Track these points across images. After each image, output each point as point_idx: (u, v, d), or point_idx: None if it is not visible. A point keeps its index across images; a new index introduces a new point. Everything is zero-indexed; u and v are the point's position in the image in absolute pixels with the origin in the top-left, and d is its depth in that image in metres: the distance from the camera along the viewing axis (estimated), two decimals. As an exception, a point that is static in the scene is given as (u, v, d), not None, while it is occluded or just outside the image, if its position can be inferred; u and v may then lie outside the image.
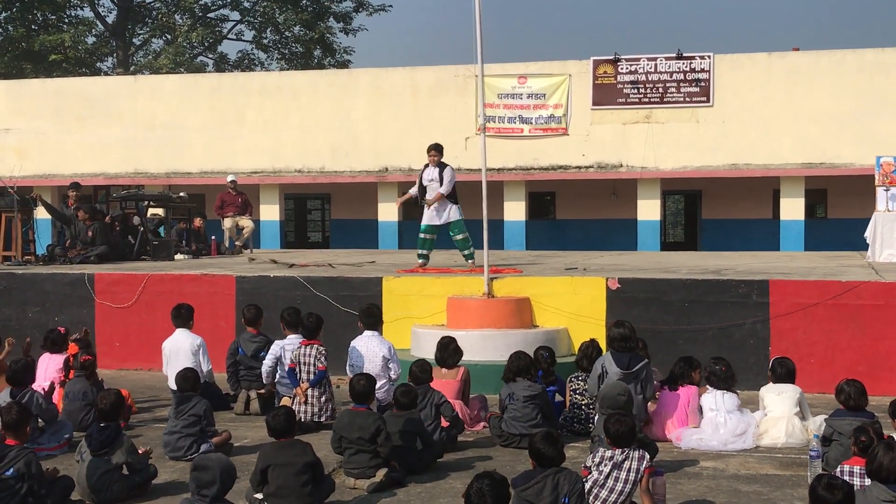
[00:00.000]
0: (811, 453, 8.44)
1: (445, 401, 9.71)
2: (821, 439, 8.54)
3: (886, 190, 17.29)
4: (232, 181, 22.41)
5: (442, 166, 15.20)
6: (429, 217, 15.38)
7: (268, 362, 11.40)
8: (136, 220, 20.29)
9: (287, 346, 11.30)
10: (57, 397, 10.75)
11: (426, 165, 15.37)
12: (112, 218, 19.31)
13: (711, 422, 9.85)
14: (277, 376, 11.43)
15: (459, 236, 15.40)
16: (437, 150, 15.32)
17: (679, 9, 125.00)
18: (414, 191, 15.66)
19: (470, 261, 15.49)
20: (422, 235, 15.51)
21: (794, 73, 27.94)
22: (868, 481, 6.54)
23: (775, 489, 8.33)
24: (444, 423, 9.66)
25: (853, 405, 8.59)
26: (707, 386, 10.15)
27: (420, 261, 15.54)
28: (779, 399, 9.94)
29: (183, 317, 11.68)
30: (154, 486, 8.41)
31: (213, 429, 9.56)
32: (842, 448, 8.21)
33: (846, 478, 6.93)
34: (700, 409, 10.04)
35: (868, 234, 17.28)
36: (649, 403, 9.95)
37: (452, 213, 15.29)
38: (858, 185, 26.61)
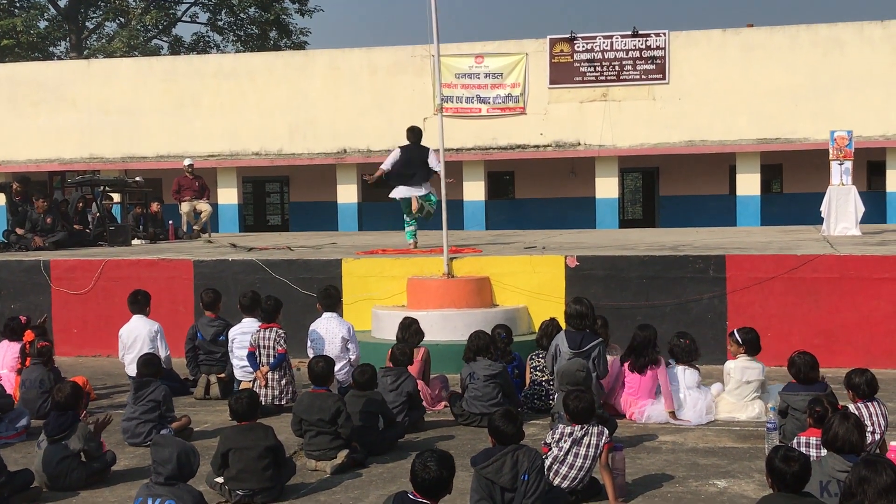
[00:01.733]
0: (768, 425, 8.53)
1: (416, 389, 9.74)
2: (777, 412, 8.63)
3: (840, 164, 17.46)
4: (189, 165, 22.23)
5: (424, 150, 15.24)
6: (404, 191, 15.36)
7: (241, 354, 11.23)
8: (94, 207, 20.13)
9: (242, 331, 11.26)
10: (13, 385, 10.66)
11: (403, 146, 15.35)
12: (65, 203, 19.09)
13: (670, 397, 9.92)
14: (235, 360, 11.36)
15: (432, 208, 15.41)
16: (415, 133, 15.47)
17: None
18: (386, 166, 15.53)
19: (411, 239, 15.68)
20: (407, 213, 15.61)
21: (749, 49, 28.14)
22: (824, 452, 6.61)
23: (733, 462, 8.42)
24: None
25: (804, 378, 8.68)
26: (670, 361, 10.19)
27: (410, 240, 15.70)
28: (744, 385, 9.98)
29: (140, 303, 11.59)
30: (113, 472, 8.35)
31: (172, 414, 9.51)
32: (797, 422, 8.30)
33: (803, 449, 7.00)
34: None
35: (823, 208, 17.45)
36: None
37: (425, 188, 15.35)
38: (813, 159, 26.88)
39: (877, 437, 7.72)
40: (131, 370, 11.01)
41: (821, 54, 27.69)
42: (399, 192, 15.42)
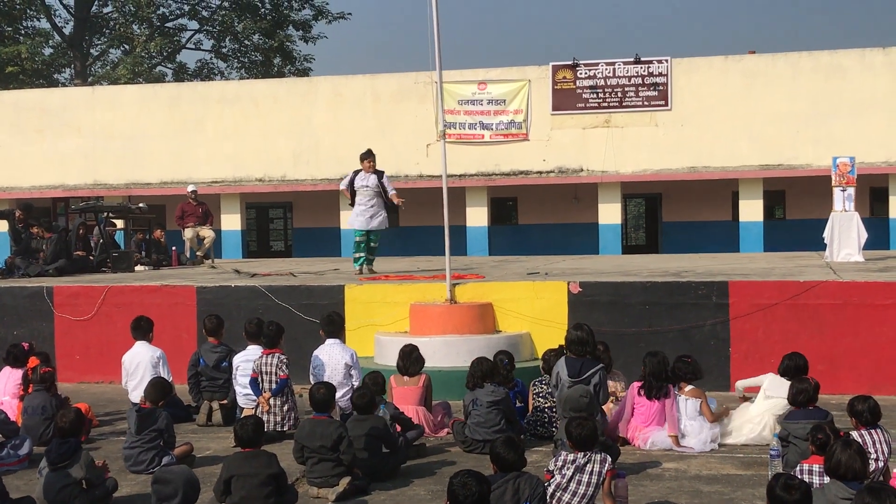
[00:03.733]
0: (771, 452, 8.52)
1: (398, 411, 9.72)
2: (780, 439, 8.61)
3: (843, 190, 17.49)
4: (192, 191, 22.28)
5: (379, 173, 16.32)
6: (363, 223, 16.30)
7: (245, 382, 11.23)
8: (96, 232, 20.17)
9: (246, 358, 11.26)
10: (16, 412, 10.65)
11: (358, 171, 16.34)
12: (66, 231, 19.11)
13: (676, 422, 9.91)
14: (239, 387, 11.35)
15: (375, 244, 16.60)
16: (370, 157, 16.32)
17: (636, 14, 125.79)
18: (344, 185, 16.64)
19: (368, 266, 16.40)
20: (357, 239, 16.49)
21: (751, 75, 28.22)
22: (827, 479, 6.59)
23: (737, 489, 8.39)
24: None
25: (802, 400, 8.69)
26: (676, 390, 10.18)
27: (357, 266, 16.38)
28: (766, 403, 9.96)
29: (142, 329, 11.61)
30: (115, 499, 8.34)
31: (174, 441, 9.49)
32: (798, 450, 8.27)
33: (805, 477, 6.99)
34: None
35: (826, 234, 17.46)
36: (611, 406, 9.99)
37: (381, 222, 16.40)
38: (816, 185, 26.89)
39: (880, 464, 7.69)
40: (134, 397, 11.01)
41: (822, 81, 27.76)
42: (358, 223, 16.56)
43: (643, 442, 9.86)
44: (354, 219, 16.44)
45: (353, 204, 16.46)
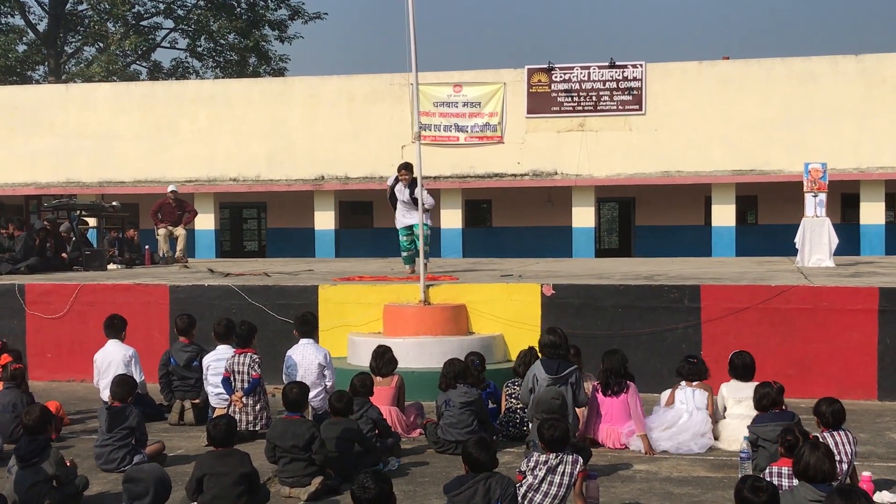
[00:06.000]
0: (741, 455, 8.59)
1: (381, 416, 9.72)
2: (749, 442, 8.67)
3: (815, 196, 17.60)
4: (172, 191, 22.12)
5: (413, 184, 14.97)
6: (399, 220, 15.57)
7: (216, 382, 11.19)
8: (65, 226, 20.04)
9: (216, 358, 11.23)
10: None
11: (398, 180, 15.38)
12: (37, 230, 18.92)
13: (677, 413, 9.96)
14: (210, 387, 11.32)
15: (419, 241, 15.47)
16: (407, 169, 15.33)
17: (611, 18, 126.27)
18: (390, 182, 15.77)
19: (408, 265, 15.73)
20: (402, 238, 15.72)
21: (725, 81, 28.39)
22: (796, 482, 6.65)
23: (707, 491, 8.45)
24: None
25: (766, 404, 8.78)
26: (679, 381, 10.26)
27: (408, 266, 15.76)
28: (739, 406, 10.01)
29: (115, 327, 11.57)
30: (86, 497, 8.30)
31: (145, 439, 9.47)
32: (767, 453, 8.33)
33: (774, 479, 7.04)
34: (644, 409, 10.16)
35: (797, 239, 17.57)
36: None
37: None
38: (788, 191, 27.08)
39: (844, 466, 7.77)
40: (105, 395, 10.97)
41: (795, 87, 27.96)
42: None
43: (626, 438, 9.88)
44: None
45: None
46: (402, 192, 15.32)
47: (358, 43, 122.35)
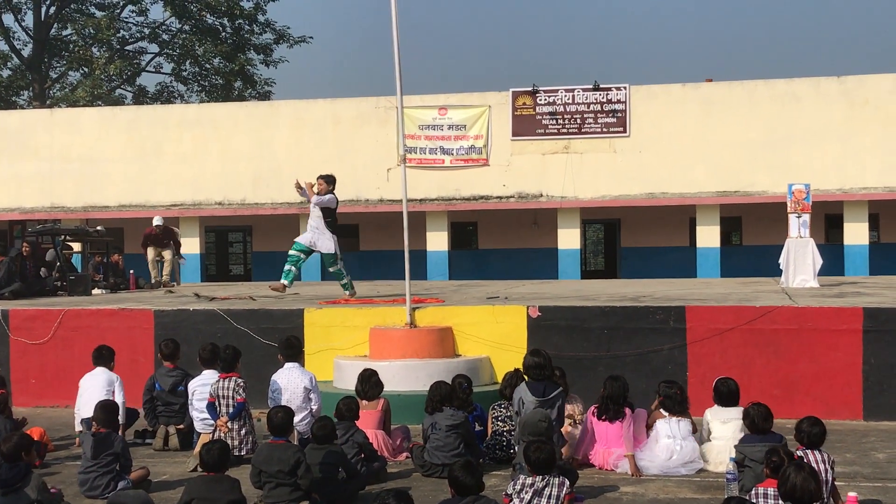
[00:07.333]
0: (727, 476, 8.58)
1: (367, 440, 9.69)
2: (736, 462, 8.67)
3: (798, 217, 17.67)
4: (157, 225, 22.11)
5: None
6: (306, 239, 15.96)
7: (201, 407, 11.14)
8: (50, 254, 19.96)
9: (202, 383, 11.18)
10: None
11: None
12: (12, 257, 18.70)
13: (667, 448, 9.92)
14: (195, 412, 11.26)
15: (331, 269, 16.06)
16: (325, 180, 16.01)
17: (595, 41, 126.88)
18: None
19: (347, 291, 15.98)
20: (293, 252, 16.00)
21: (708, 103, 28.55)
22: (782, 503, 6.64)
23: (693, 512, 8.44)
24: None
25: (759, 428, 8.78)
26: (661, 411, 10.24)
27: (285, 281, 15.99)
28: (724, 427, 10.02)
29: (104, 357, 11.60)
30: (70, 524, 8.26)
31: (130, 465, 9.41)
32: (754, 473, 8.33)
33: (760, 500, 7.05)
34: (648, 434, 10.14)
35: (782, 260, 17.63)
36: (570, 429, 10.03)
37: (326, 244, 15.75)
38: (772, 212, 27.20)
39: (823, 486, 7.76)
40: (82, 415, 10.94)
41: (778, 109, 28.13)
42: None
43: (613, 464, 9.87)
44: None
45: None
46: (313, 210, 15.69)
47: (344, 66, 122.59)
